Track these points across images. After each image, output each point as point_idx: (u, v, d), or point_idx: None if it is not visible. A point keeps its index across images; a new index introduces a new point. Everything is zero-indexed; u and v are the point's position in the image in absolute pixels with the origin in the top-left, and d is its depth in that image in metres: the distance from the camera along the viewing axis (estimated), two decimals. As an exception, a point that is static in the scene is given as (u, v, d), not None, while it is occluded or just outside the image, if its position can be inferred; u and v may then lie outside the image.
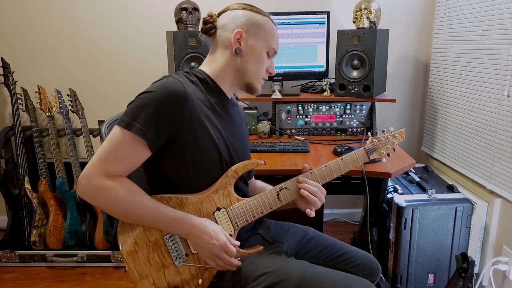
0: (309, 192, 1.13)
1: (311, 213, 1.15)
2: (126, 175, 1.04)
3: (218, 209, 1.11)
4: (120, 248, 1.08)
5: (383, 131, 1.27)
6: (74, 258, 2.24)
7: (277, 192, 1.15)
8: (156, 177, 1.12)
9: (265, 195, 1.14)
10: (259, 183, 1.37)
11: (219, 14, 1.17)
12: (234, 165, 1.13)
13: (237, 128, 1.21)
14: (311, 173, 1.17)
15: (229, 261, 1.06)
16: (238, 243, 1.09)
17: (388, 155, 1.26)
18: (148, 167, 1.13)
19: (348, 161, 1.20)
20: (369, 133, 1.27)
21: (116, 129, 1.02)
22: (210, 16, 1.16)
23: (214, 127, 1.10)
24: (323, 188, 1.17)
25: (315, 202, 1.14)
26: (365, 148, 1.22)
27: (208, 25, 1.16)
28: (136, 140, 1.00)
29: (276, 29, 1.18)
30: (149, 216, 1.04)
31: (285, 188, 1.16)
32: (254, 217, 1.14)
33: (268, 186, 1.33)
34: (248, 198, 1.14)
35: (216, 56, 1.16)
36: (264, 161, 1.17)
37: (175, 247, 1.09)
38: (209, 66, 1.17)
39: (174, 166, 1.08)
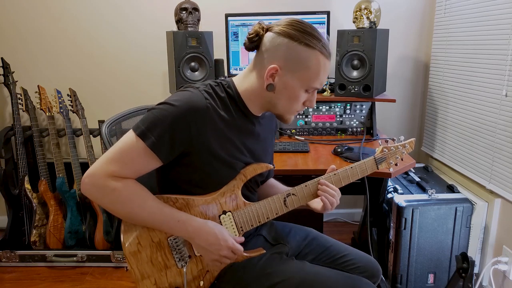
0: (328, 194, 1.14)
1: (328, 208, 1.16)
2: (133, 178, 1.03)
3: (224, 212, 1.10)
4: (123, 247, 1.08)
5: (393, 139, 1.24)
6: (74, 258, 2.24)
7: (284, 198, 1.14)
8: (166, 179, 1.12)
9: (272, 201, 1.13)
10: (272, 181, 1.36)
11: (267, 30, 1.03)
12: (243, 169, 1.11)
13: (260, 144, 1.17)
14: (319, 180, 1.15)
15: (227, 261, 1.07)
16: (242, 239, 1.09)
17: (396, 164, 1.23)
18: (159, 168, 1.12)
19: (356, 170, 1.18)
20: (379, 142, 1.24)
21: (131, 134, 1.00)
22: (256, 33, 1.03)
23: (232, 146, 1.07)
24: (339, 191, 1.17)
25: (333, 204, 1.15)
26: (375, 157, 1.20)
27: (252, 43, 1.04)
28: (147, 151, 0.99)
29: (325, 63, 1.02)
30: (153, 218, 1.03)
31: (292, 194, 1.14)
32: (259, 222, 1.13)
33: (280, 186, 1.32)
34: (255, 203, 1.13)
35: (252, 76, 1.07)
36: (273, 165, 1.16)
37: (178, 249, 1.09)
38: (242, 83, 1.09)
39: (185, 175, 1.08)
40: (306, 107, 1.10)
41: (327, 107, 2.18)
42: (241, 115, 1.09)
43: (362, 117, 2.18)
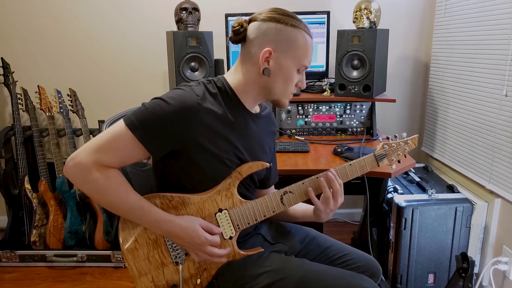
0: (333, 190, 1.13)
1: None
2: (118, 168, 1.04)
3: (220, 210, 1.11)
4: (121, 244, 1.09)
5: (395, 136, 1.20)
6: (74, 258, 2.24)
7: (281, 195, 1.14)
8: (163, 178, 1.13)
9: (269, 199, 1.13)
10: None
11: (250, 21, 1.07)
12: (239, 167, 1.11)
13: (255, 142, 1.16)
14: (317, 178, 1.14)
15: (214, 252, 1.06)
16: (220, 229, 1.09)
17: (399, 161, 1.20)
18: (156, 165, 1.13)
19: (356, 167, 1.16)
20: (380, 138, 1.22)
21: (121, 124, 1.01)
22: (240, 25, 1.06)
23: (226, 142, 1.08)
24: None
25: (336, 203, 1.14)
26: (375, 154, 1.17)
27: (238, 35, 1.07)
28: (136, 143, 1.00)
29: (311, 41, 1.08)
30: (132, 212, 1.04)
31: (289, 192, 1.14)
32: (256, 220, 1.13)
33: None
34: (251, 201, 1.13)
35: (243, 68, 1.09)
36: (270, 164, 1.16)
37: (175, 246, 1.10)
38: (233, 77, 1.10)
39: (179, 172, 1.08)
40: (298, 88, 1.14)
41: (327, 107, 2.18)
42: (235, 110, 1.10)
43: (362, 117, 2.18)
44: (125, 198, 1.03)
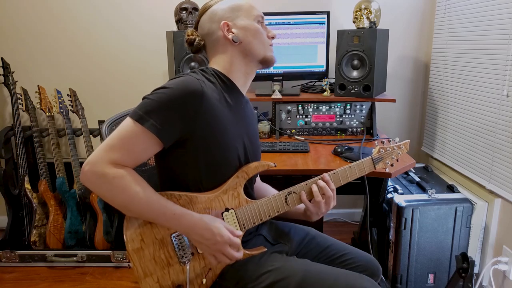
0: (325, 194, 1.15)
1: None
2: (132, 167, 1.02)
3: (227, 209, 1.11)
4: (126, 244, 1.07)
5: (388, 140, 1.27)
6: (74, 258, 2.24)
7: (285, 196, 1.15)
8: (167, 174, 1.12)
9: (274, 199, 1.14)
10: (261, 184, 1.37)
11: (196, 27, 1.19)
12: (245, 166, 1.13)
13: (250, 127, 1.21)
14: (319, 179, 1.16)
15: (232, 255, 1.05)
16: (241, 233, 1.08)
17: (392, 165, 1.27)
18: (160, 163, 1.13)
19: (355, 170, 1.20)
20: (376, 142, 1.27)
21: (128, 121, 1.00)
22: (191, 34, 1.18)
23: (230, 125, 1.10)
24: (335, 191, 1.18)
25: (328, 207, 1.17)
26: (372, 158, 1.23)
27: (196, 43, 1.17)
28: (147, 134, 0.99)
29: None
30: (150, 208, 1.01)
31: (293, 192, 1.15)
32: (261, 220, 1.14)
33: (271, 189, 1.35)
34: (257, 201, 1.14)
35: (219, 55, 1.16)
36: (275, 164, 1.17)
37: (181, 246, 1.09)
38: (218, 64, 1.16)
39: (186, 164, 1.08)
40: (273, 38, 1.20)
41: (327, 107, 2.18)
42: (231, 94, 1.14)
43: (362, 117, 2.18)
44: (143, 195, 1.00)
